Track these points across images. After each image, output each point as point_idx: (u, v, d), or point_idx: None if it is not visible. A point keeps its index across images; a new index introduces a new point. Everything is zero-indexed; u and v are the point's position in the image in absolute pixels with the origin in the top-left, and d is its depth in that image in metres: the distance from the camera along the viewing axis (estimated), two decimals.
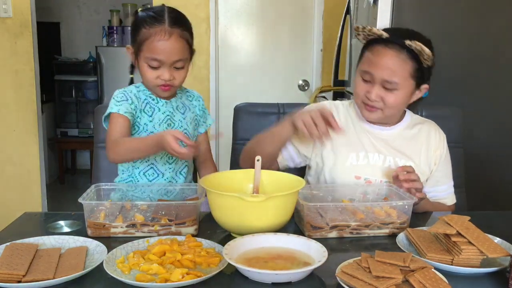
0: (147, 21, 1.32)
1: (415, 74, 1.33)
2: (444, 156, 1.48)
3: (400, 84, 1.32)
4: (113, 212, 1.17)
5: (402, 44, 1.29)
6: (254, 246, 1.02)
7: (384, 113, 1.38)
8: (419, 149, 1.45)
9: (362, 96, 1.37)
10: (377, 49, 1.33)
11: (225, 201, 1.10)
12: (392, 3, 2.07)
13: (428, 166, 1.45)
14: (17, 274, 0.89)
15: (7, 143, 3.00)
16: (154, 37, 1.30)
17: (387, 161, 1.41)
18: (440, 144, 1.48)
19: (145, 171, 1.45)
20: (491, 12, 2.10)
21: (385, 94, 1.33)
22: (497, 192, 2.13)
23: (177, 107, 1.46)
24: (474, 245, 0.97)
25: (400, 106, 1.38)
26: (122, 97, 1.39)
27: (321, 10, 3.35)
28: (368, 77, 1.34)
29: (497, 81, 2.13)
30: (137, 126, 1.41)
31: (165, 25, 1.31)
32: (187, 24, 1.38)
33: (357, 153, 1.41)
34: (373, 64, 1.33)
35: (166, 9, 1.35)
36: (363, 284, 0.86)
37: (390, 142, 1.44)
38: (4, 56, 2.92)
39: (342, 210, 1.21)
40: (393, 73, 1.30)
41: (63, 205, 3.67)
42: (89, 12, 5.04)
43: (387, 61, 1.31)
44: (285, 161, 1.47)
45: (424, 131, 1.48)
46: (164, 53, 1.31)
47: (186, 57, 1.36)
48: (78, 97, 4.77)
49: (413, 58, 1.30)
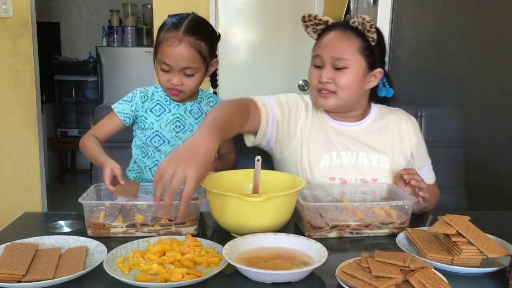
0: (167, 26, 1.37)
1: (364, 51, 1.32)
2: (420, 142, 1.47)
3: (350, 61, 1.31)
4: (113, 212, 1.17)
5: (346, 24, 1.34)
6: (254, 246, 1.02)
7: (339, 98, 1.34)
8: (391, 141, 1.43)
9: (315, 83, 1.36)
10: (324, 34, 1.37)
11: (225, 201, 1.10)
12: (392, 3, 2.07)
13: (404, 158, 1.43)
14: (17, 274, 0.89)
15: (7, 143, 2.99)
16: (166, 42, 1.34)
17: (360, 158, 1.39)
18: (414, 132, 1.46)
19: (150, 167, 1.47)
20: (491, 12, 2.10)
21: (335, 74, 1.32)
22: (497, 192, 2.13)
23: (191, 111, 1.48)
24: (474, 245, 0.97)
25: (353, 88, 1.34)
26: (129, 97, 1.46)
27: (321, 10, 3.35)
28: (319, 61, 1.35)
29: (497, 81, 2.14)
30: (142, 123, 1.45)
31: (179, 31, 1.34)
32: (205, 34, 1.38)
33: (329, 153, 1.38)
34: (321, 46, 1.35)
35: (190, 17, 1.38)
36: (363, 284, 0.86)
37: (360, 137, 1.41)
38: (4, 56, 2.91)
39: (342, 210, 1.21)
40: (342, 50, 1.31)
41: (63, 205, 3.66)
42: (89, 12, 5.04)
43: (334, 40, 1.33)
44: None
45: (393, 122, 1.46)
46: (172, 58, 1.35)
47: (197, 66, 1.37)
48: (78, 97, 4.77)
49: (359, 35, 1.32)
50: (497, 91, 2.14)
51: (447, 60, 2.12)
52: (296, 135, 1.40)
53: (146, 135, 1.45)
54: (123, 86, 4.28)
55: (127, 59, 4.31)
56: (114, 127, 1.43)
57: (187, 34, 1.34)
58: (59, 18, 5.00)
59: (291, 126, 1.40)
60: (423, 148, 1.49)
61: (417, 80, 2.13)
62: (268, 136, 1.39)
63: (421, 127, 1.79)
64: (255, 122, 1.34)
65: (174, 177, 0.95)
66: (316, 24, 1.38)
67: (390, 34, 2.09)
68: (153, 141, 1.44)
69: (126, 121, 1.43)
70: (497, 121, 2.15)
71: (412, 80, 2.13)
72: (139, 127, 1.47)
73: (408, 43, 2.11)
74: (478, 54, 2.12)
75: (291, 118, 1.41)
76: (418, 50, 2.13)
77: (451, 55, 2.11)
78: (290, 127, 1.40)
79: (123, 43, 4.54)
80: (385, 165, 1.39)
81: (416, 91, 2.13)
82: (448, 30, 2.10)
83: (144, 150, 1.47)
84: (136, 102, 1.44)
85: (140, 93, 1.46)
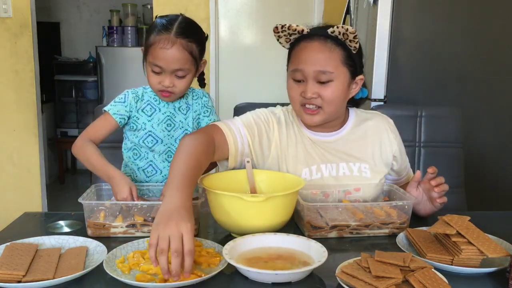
0: (158, 28, 1.36)
1: (346, 61, 1.27)
2: (400, 143, 1.44)
3: (334, 73, 1.25)
4: (113, 212, 1.17)
5: (325, 34, 1.25)
6: (254, 246, 1.02)
7: (325, 112, 1.29)
8: (371, 149, 1.38)
9: (299, 98, 1.30)
10: (303, 45, 1.28)
11: (225, 201, 1.10)
12: (392, 3, 2.07)
13: (386, 164, 1.40)
14: (17, 274, 0.89)
15: (7, 143, 2.99)
16: (157, 44, 1.33)
17: (341, 169, 1.35)
18: (394, 136, 1.42)
19: (144, 168, 1.47)
20: (491, 12, 2.10)
21: (320, 88, 1.26)
22: (497, 192, 2.14)
23: (179, 108, 1.48)
24: (474, 245, 0.97)
25: (339, 100, 1.29)
26: (121, 98, 1.44)
27: (321, 10, 3.35)
28: (300, 76, 1.28)
29: (497, 81, 2.14)
30: (134, 124, 1.44)
31: (171, 34, 1.33)
32: (196, 36, 1.38)
33: (309, 168, 1.34)
34: (302, 60, 1.27)
35: (179, 19, 1.37)
36: (363, 284, 0.86)
37: (339, 147, 1.37)
38: (4, 56, 2.91)
39: (342, 210, 1.21)
40: (325, 63, 1.25)
41: (63, 205, 3.66)
42: (89, 12, 5.04)
43: (316, 53, 1.26)
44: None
45: (372, 128, 1.41)
46: (164, 60, 1.34)
47: (189, 68, 1.37)
48: (78, 97, 4.77)
49: (339, 45, 1.25)
50: (497, 91, 2.14)
51: (447, 60, 2.12)
52: (271, 152, 1.34)
53: (138, 136, 1.45)
54: (123, 86, 4.29)
55: (127, 59, 4.31)
56: (110, 129, 1.42)
57: (179, 36, 1.33)
58: (59, 18, 5.00)
59: (263, 145, 1.34)
60: (403, 149, 1.46)
61: (417, 80, 2.13)
62: (239, 160, 1.33)
63: (421, 127, 1.80)
64: (222, 150, 1.29)
65: (172, 240, 0.90)
66: (290, 34, 1.30)
67: (390, 34, 2.09)
68: (146, 141, 1.44)
69: (121, 122, 1.43)
70: (497, 121, 2.15)
71: (412, 80, 2.13)
72: (130, 128, 1.45)
73: (408, 43, 2.11)
74: (478, 54, 2.12)
75: (263, 137, 1.34)
76: (418, 50, 2.13)
77: (451, 55, 2.11)
78: (263, 146, 1.34)
79: (123, 43, 4.54)
80: (366, 174, 1.36)
81: (416, 91, 2.13)
82: (448, 30, 2.10)
83: (136, 152, 1.46)
84: (129, 102, 1.43)
85: (132, 93, 1.45)
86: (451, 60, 2.12)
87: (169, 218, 0.93)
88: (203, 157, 1.17)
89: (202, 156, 1.17)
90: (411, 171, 1.52)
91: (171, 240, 0.89)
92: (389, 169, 1.42)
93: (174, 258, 0.88)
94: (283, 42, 1.34)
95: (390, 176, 1.45)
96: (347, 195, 1.32)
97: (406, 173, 1.48)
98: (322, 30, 1.27)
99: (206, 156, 1.20)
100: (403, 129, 1.78)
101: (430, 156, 1.79)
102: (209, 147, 1.23)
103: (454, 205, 1.66)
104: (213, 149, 1.25)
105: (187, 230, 0.92)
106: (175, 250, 0.88)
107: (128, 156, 1.48)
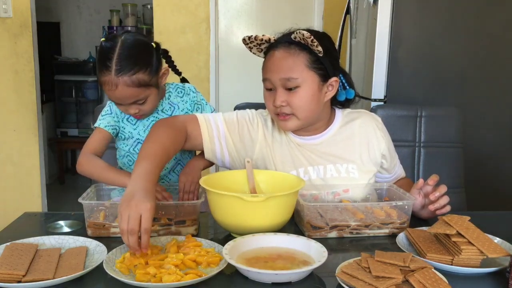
0: (99, 65, 1.31)
1: (313, 65, 1.25)
2: (389, 141, 1.43)
3: (300, 79, 1.24)
4: (113, 212, 1.17)
5: (289, 40, 1.25)
6: (254, 246, 1.02)
7: (299, 118, 1.28)
8: (358, 148, 1.38)
9: (272, 107, 1.29)
10: (270, 54, 1.29)
11: (225, 201, 1.10)
12: (392, 3, 2.06)
13: (374, 163, 1.39)
14: (17, 274, 0.89)
15: (7, 143, 2.99)
16: (105, 86, 1.31)
17: (328, 170, 1.35)
18: (382, 134, 1.41)
19: None
20: (491, 12, 2.10)
21: (289, 95, 1.25)
22: (497, 192, 2.13)
23: (162, 109, 1.48)
24: (474, 245, 0.97)
25: (310, 105, 1.27)
26: (107, 110, 1.45)
27: (321, 10, 3.35)
28: (269, 84, 1.28)
29: (496, 81, 2.14)
30: (122, 134, 1.46)
31: (111, 74, 1.28)
32: (140, 62, 1.30)
33: (296, 170, 1.34)
34: (268, 69, 1.28)
35: (117, 47, 1.30)
36: (363, 284, 0.86)
37: (326, 149, 1.36)
38: (4, 56, 2.91)
39: (342, 210, 1.21)
40: (289, 69, 1.24)
41: (63, 205, 3.66)
42: (89, 12, 5.04)
43: (279, 60, 1.25)
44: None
45: (359, 127, 1.39)
46: (116, 99, 1.35)
47: (145, 94, 1.34)
48: (78, 97, 4.77)
49: (304, 49, 1.24)
50: (497, 91, 2.14)
51: (447, 60, 2.12)
52: (255, 153, 1.35)
53: (128, 144, 1.47)
54: None
55: None
56: (106, 142, 1.42)
57: (119, 75, 1.28)
58: (59, 18, 5.00)
59: (246, 144, 1.35)
60: (392, 146, 1.45)
61: (417, 80, 2.13)
62: (218, 154, 1.34)
63: (421, 127, 1.80)
64: (195, 139, 1.32)
65: (130, 220, 0.97)
66: (259, 44, 1.31)
67: (390, 34, 2.09)
68: (136, 149, 1.46)
69: (113, 133, 1.44)
70: (497, 121, 2.15)
71: (412, 80, 2.13)
72: (120, 138, 1.47)
73: (408, 43, 2.11)
74: (478, 54, 2.12)
75: (244, 136, 1.35)
76: (418, 50, 2.12)
77: (451, 55, 2.11)
78: (245, 145, 1.35)
79: None
80: (354, 174, 1.36)
81: (416, 91, 2.13)
82: (448, 30, 2.10)
83: (130, 159, 1.48)
84: (115, 112, 1.44)
85: (115, 104, 1.43)
86: (451, 60, 2.12)
87: (130, 200, 1.00)
88: (170, 144, 1.21)
89: (169, 142, 1.21)
90: (401, 168, 1.52)
91: (129, 220, 0.97)
92: (378, 167, 1.42)
93: (130, 236, 0.96)
94: (256, 52, 1.36)
95: (381, 174, 1.45)
96: (336, 197, 1.32)
97: (396, 171, 1.49)
98: (286, 37, 1.27)
99: (173, 143, 1.23)
100: (403, 129, 1.79)
101: (430, 156, 1.79)
102: (177, 136, 1.26)
103: (454, 205, 1.65)
104: (183, 138, 1.29)
105: (146, 209, 0.98)
106: (131, 229, 0.96)
107: (123, 162, 1.50)
